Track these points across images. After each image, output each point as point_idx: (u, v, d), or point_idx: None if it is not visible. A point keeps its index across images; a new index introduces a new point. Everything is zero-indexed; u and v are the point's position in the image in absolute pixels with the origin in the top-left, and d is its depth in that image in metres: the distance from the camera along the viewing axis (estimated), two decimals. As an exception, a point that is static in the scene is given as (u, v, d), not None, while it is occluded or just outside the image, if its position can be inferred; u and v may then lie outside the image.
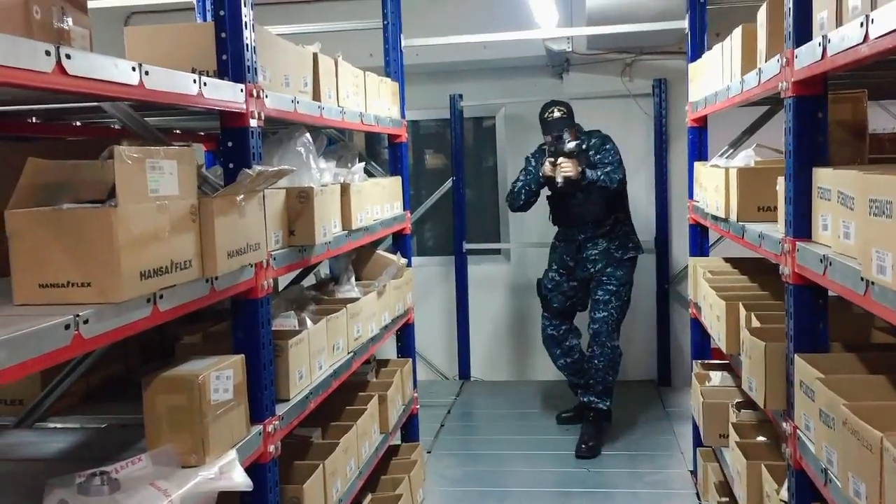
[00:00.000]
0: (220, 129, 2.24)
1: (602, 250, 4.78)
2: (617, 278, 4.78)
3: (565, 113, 4.69)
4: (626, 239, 4.83)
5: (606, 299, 4.76)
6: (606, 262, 4.78)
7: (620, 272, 4.79)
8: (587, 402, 4.85)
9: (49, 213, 1.56)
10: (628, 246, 4.83)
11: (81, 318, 1.45)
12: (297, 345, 2.56)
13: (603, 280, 4.78)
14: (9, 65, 1.28)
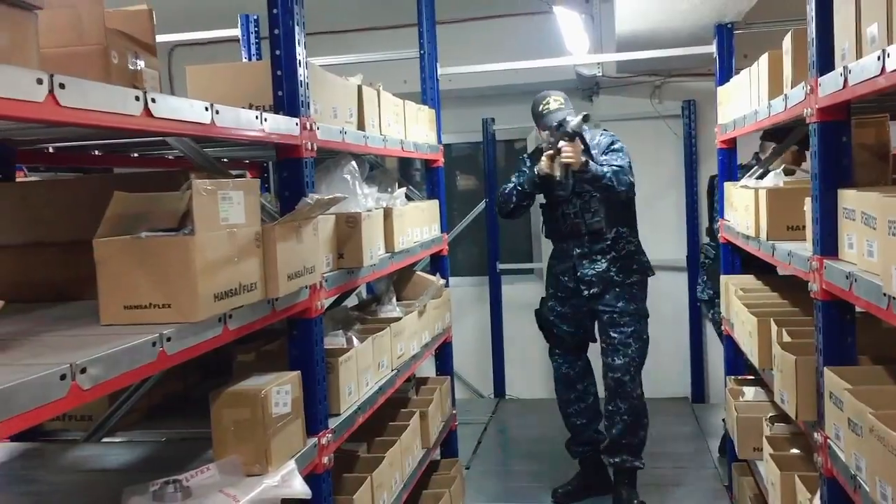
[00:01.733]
0: (276, 160, 2.40)
1: (600, 272, 4.07)
2: (630, 314, 4.09)
3: (563, 104, 4.10)
4: (630, 259, 4.11)
5: (624, 342, 4.08)
6: (605, 288, 4.09)
7: (632, 305, 4.10)
8: (619, 462, 4.19)
9: (133, 241, 1.72)
10: (632, 268, 4.10)
11: (165, 336, 1.59)
12: (346, 362, 2.69)
13: (615, 318, 4.09)
14: (107, 110, 1.44)
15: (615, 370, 4.09)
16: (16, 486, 2.19)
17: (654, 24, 4.39)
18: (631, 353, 4.08)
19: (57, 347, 1.49)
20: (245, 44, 4.37)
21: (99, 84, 1.44)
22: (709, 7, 3.95)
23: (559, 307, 4.26)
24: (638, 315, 4.12)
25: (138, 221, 1.86)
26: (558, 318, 4.27)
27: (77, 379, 1.32)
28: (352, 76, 3.16)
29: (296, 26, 2.37)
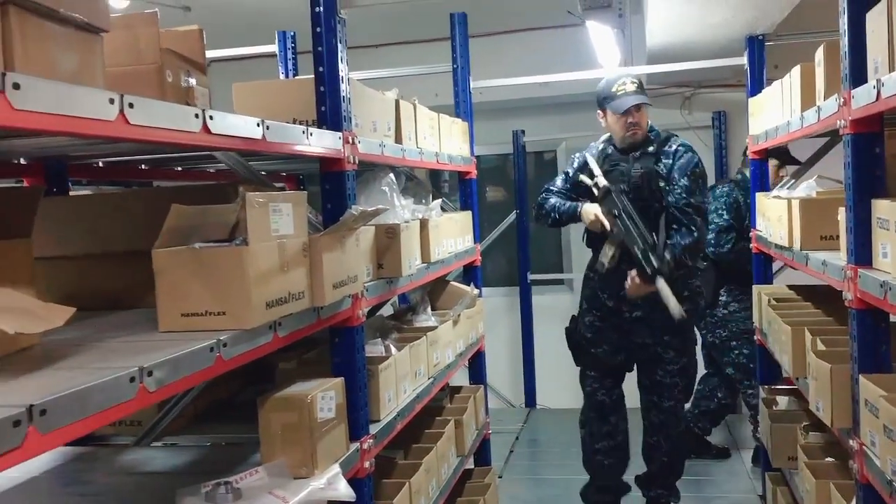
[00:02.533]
0: (320, 172, 2.47)
1: (648, 296, 3.52)
2: (676, 349, 3.65)
3: (641, 88, 3.64)
4: (682, 284, 3.59)
5: (671, 383, 3.67)
6: (650, 312, 3.60)
7: (678, 339, 3.64)
8: (653, 497, 3.95)
9: (190, 251, 1.80)
10: (682, 294, 3.52)
11: (222, 341, 1.67)
12: (386, 370, 2.76)
13: (659, 352, 3.66)
14: (170, 127, 1.52)
15: (661, 412, 3.73)
16: (72, 487, 2.28)
17: (685, 37, 4.43)
18: (678, 395, 3.70)
19: (122, 352, 1.57)
20: (282, 59, 4.47)
21: (164, 103, 1.53)
22: (740, 20, 3.99)
23: (598, 323, 3.78)
24: (686, 348, 3.69)
25: (192, 233, 1.94)
26: (596, 337, 3.78)
27: (145, 381, 1.40)
28: (386, 90, 3.25)
29: (338, 44, 2.45)
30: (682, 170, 3.56)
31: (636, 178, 3.57)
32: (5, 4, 1.35)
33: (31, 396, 1.17)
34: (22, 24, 1.37)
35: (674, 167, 3.56)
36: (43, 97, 1.21)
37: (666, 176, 3.56)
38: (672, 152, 3.60)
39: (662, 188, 3.55)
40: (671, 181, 3.55)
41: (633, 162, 3.62)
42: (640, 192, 3.56)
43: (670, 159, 3.59)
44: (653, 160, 3.59)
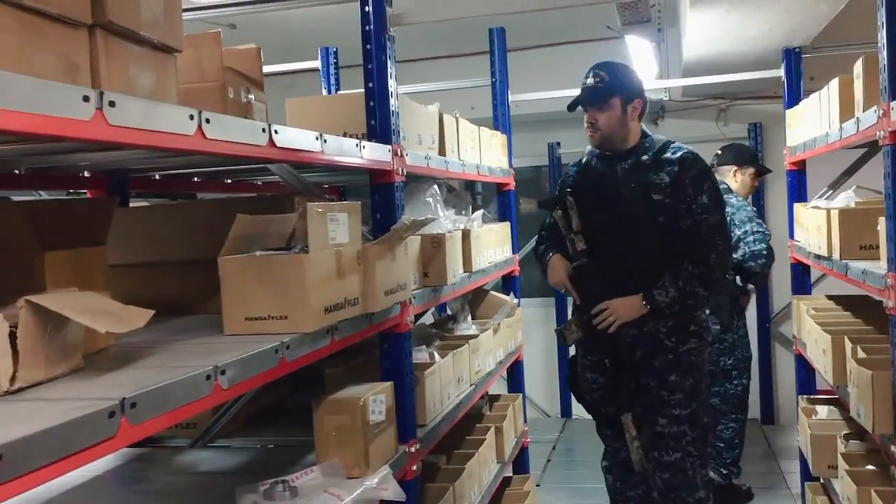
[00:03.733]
0: (370, 184, 2.56)
1: (650, 333, 2.97)
2: (685, 391, 2.96)
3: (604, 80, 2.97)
4: (687, 317, 2.97)
5: (676, 433, 2.97)
6: (651, 353, 2.99)
7: (689, 379, 2.97)
8: None
9: (253, 258, 1.89)
10: (688, 329, 2.97)
11: (285, 344, 1.76)
12: (431, 375, 2.84)
13: (663, 396, 2.97)
14: (241, 141, 1.62)
15: (664, 469, 2.99)
16: (132, 485, 2.38)
17: (721, 49, 4.48)
18: (686, 447, 2.96)
19: (194, 353, 1.66)
20: (325, 74, 4.59)
21: (235, 118, 1.63)
22: (777, 33, 4.03)
23: (594, 375, 3.15)
24: (696, 390, 2.98)
25: (253, 241, 2.04)
26: (597, 396, 3.18)
27: (219, 379, 1.49)
28: (425, 104, 3.34)
29: (388, 60, 2.55)
30: (697, 183, 2.92)
31: (629, 193, 2.95)
32: (93, 27, 1.45)
33: (122, 390, 1.26)
34: (107, 45, 1.48)
35: (685, 179, 2.91)
36: (133, 113, 1.30)
37: (671, 190, 2.90)
38: (677, 160, 2.94)
39: (661, 203, 2.90)
40: (682, 196, 2.90)
41: (623, 174, 3.00)
42: (633, 209, 2.93)
43: (675, 168, 2.93)
44: (649, 171, 2.95)
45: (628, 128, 3.01)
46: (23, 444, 1.04)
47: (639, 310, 2.93)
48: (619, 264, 2.98)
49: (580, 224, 3.01)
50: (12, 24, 1.27)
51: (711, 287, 2.95)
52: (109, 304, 1.50)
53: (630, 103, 3.00)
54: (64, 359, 1.41)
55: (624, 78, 3.03)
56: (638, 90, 3.04)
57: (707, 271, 2.90)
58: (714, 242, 2.91)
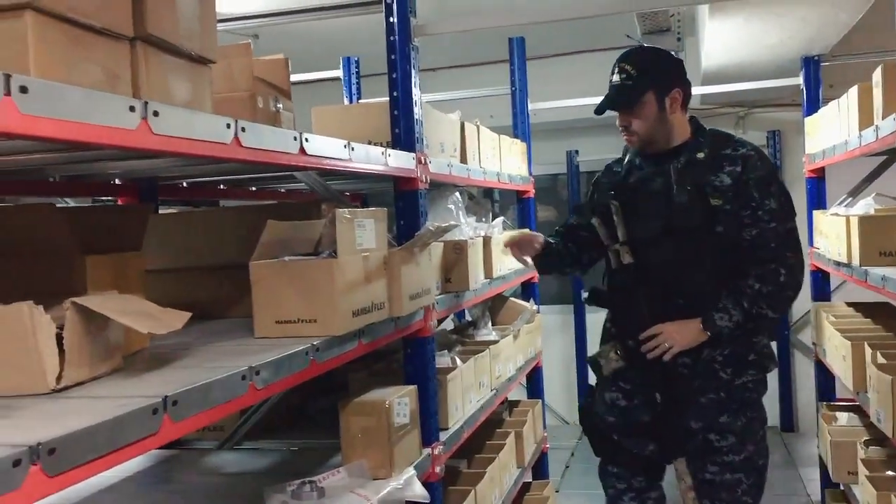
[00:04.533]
0: (394, 191, 2.61)
1: (704, 362, 2.53)
2: (738, 434, 2.52)
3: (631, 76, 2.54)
4: (746, 344, 2.54)
5: (731, 481, 2.54)
6: (703, 386, 2.54)
7: (742, 419, 2.53)
8: None
9: (283, 263, 1.94)
10: (746, 358, 2.54)
11: (315, 346, 1.80)
12: (453, 380, 2.88)
13: (713, 441, 2.54)
14: (275, 149, 1.67)
15: None
16: (162, 485, 2.43)
17: (740, 58, 4.51)
18: (741, 496, 2.54)
19: (228, 355, 1.71)
20: (346, 84, 4.66)
21: (269, 127, 1.68)
22: (796, 41, 4.05)
23: (622, 401, 2.67)
24: (751, 431, 2.55)
25: (283, 247, 2.09)
26: (619, 425, 2.69)
27: (254, 380, 1.53)
28: (448, 112, 3.39)
29: (412, 70, 2.60)
30: (763, 185, 2.48)
31: (683, 198, 2.51)
32: (134, 40, 1.51)
33: (163, 389, 1.31)
34: (147, 56, 1.54)
35: (749, 181, 2.47)
36: (174, 122, 1.36)
37: (732, 193, 2.47)
38: (739, 158, 2.51)
39: (721, 209, 2.47)
40: (746, 201, 2.47)
41: (676, 175, 2.54)
42: (688, 216, 2.50)
43: (738, 167, 2.49)
44: (706, 171, 2.51)
45: (671, 123, 2.55)
46: (74, 439, 1.08)
47: (697, 337, 2.48)
48: (670, 282, 2.53)
49: (626, 233, 2.59)
50: (61, 36, 1.32)
51: (783, 309, 2.57)
52: (148, 307, 1.55)
53: (668, 95, 2.52)
54: (106, 359, 1.46)
55: (655, 67, 2.56)
56: (675, 78, 2.57)
57: (778, 290, 2.46)
58: (783, 256, 2.46)
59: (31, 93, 1.06)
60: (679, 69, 2.62)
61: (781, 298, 2.50)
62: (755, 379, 2.56)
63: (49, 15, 1.30)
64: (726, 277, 2.49)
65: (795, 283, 2.49)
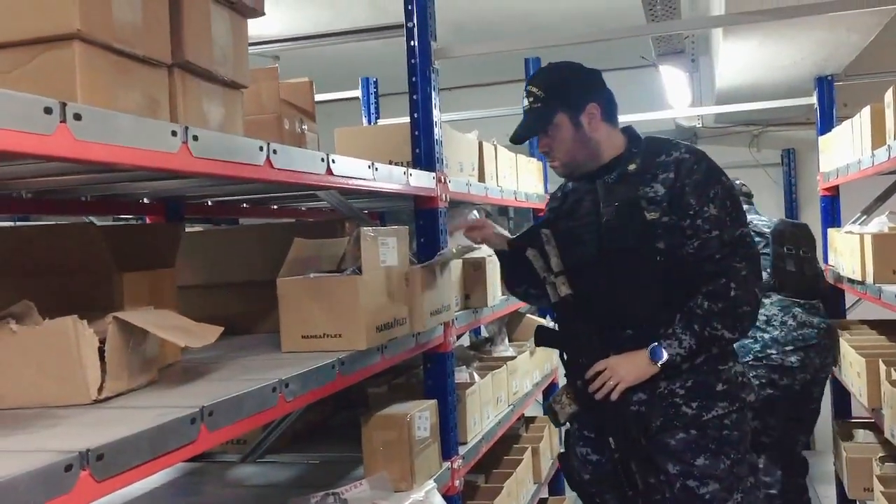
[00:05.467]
0: (414, 209, 2.68)
1: (662, 397, 2.21)
2: (722, 481, 2.18)
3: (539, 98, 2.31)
4: (711, 372, 2.21)
5: None
6: (666, 426, 2.21)
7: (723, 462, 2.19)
8: None
9: (309, 280, 2.01)
10: (713, 389, 2.20)
11: (340, 360, 1.86)
12: (472, 395, 2.93)
13: (692, 490, 2.19)
14: (304, 170, 1.74)
15: None
16: (186, 497, 2.49)
17: (754, 78, 4.56)
18: None
19: (258, 368, 1.77)
20: (365, 104, 4.74)
21: (299, 149, 1.75)
22: (810, 62, 4.11)
23: (587, 453, 2.38)
24: (737, 478, 2.21)
25: (308, 264, 2.16)
26: (597, 478, 2.37)
27: (283, 392, 1.60)
28: (466, 132, 3.45)
29: (432, 92, 2.67)
30: (700, 190, 2.19)
31: (610, 219, 2.25)
32: (172, 66, 1.59)
33: (200, 400, 1.38)
34: (184, 82, 1.61)
35: (685, 187, 2.19)
36: (212, 146, 1.43)
37: (667, 202, 2.19)
38: (672, 163, 2.23)
39: (658, 223, 2.19)
40: (684, 210, 2.18)
41: (605, 191, 2.29)
42: (620, 237, 2.23)
43: (671, 174, 2.22)
44: (639, 183, 2.24)
45: (595, 141, 2.29)
46: (120, 445, 1.15)
47: (646, 370, 2.17)
48: (614, 310, 2.25)
49: (560, 263, 2.31)
50: (105, 64, 1.40)
51: (741, 327, 2.19)
52: (183, 321, 1.62)
53: (582, 113, 2.27)
54: (143, 371, 1.53)
55: (563, 85, 2.31)
56: (586, 92, 2.30)
57: (731, 306, 2.14)
58: (732, 267, 2.15)
59: (84, 120, 1.13)
60: (591, 82, 2.34)
61: (737, 316, 2.16)
62: (729, 412, 2.19)
63: (95, 44, 1.38)
64: (679, 300, 2.18)
65: (750, 297, 2.18)
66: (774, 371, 3.62)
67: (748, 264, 2.19)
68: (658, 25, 3.37)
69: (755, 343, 3.63)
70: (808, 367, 3.60)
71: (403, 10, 2.66)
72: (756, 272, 2.22)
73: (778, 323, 3.63)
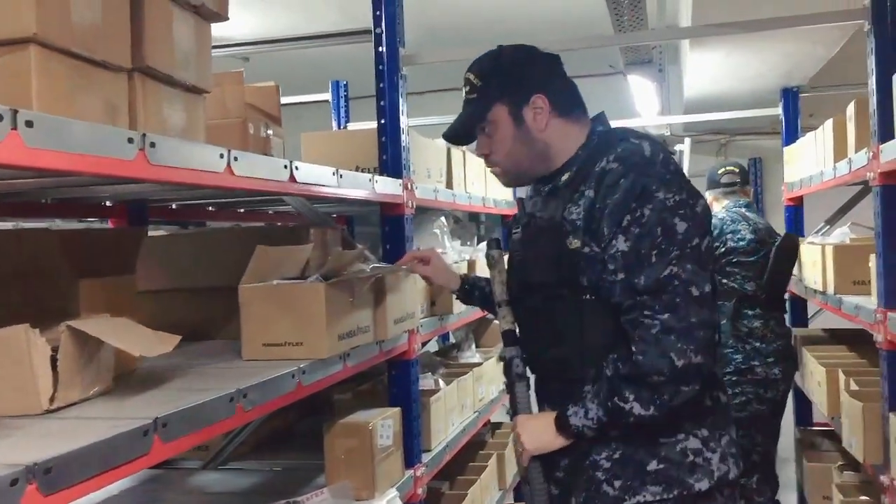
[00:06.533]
0: (380, 216, 2.67)
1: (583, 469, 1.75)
2: None
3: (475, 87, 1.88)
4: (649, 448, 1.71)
5: None
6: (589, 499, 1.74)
7: None
8: None
9: (272, 287, 1.99)
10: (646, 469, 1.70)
11: (301, 369, 1.85)
12: (437, 402, 2.92)
13: None
14: (266, 177, 1.73)
15: None
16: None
17: (721, 88, 4.61)
18: None
19: (216, 377, 1.75)
20: (335, 107, 4.72)
21: (261, 156, 1.74)
22: (776, 73, 4.16)
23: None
24: None
25: (271, 270, 2.14)
26: None
27: (241, 402, 1.58)
28: (434, 136, 3.45)
29: (399, 98, 2.66)
30: (614, 215, 1.66)
31: (533, 243, 1.84)
32: (132, 71, 1.57)
33: (154, 410, 1.36)
34: (144, 87, 1.59)
35: (603, 209, 1.68)
36: (170, 153, 1.41)
37: (584, 229, 1.70)
38: (599, 174, 1.71)
39: (579, 254, 1.70)
40: (599, 239, 1.69)
41: (538, 209, 1.86)
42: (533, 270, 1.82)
43: (592, 190, 1.71)
44: (567, 201, 1.75)
45: (542, 141, 1.82)
46: (69, 459, 1.13)
47: (550, 440, 1.74)
48: (541, 356, 1.84)
49: (505, 292, 1.94)
50: (63, 69, 1.38)
51: (659, 402, 1.61)
52: (140, 330, 1.59)
53: (525, 105, 1.82)
54: (97, 380, 1.50)
55: (502, 72, 1.85)
56: (530, 81, 1.84)
57: (635, 372, 1.61)
58: (638, 322, 1.61)
59: (35, 127, 1.11)
60: (539, 68, 1.86)
61: (651, 386, 1.60)
62: (663, 501, 1.68)
63: (52, 49, 1.35)
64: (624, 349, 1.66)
65: (661, 364, 1.58)
66: (760, 385, 3.61)
67: (672, 318, 1.58)
68: (625, 36, 3.40)
69: (737, 353, 3.62)
70: (788, 378, 3.63)
71: (372, 16, 2.65)
72: (688, 328, 1.57)
73: (759, 335, 3.63)
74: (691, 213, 1.65)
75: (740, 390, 3.60)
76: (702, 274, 1.62)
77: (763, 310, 3.65)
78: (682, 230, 1.62)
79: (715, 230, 3.71)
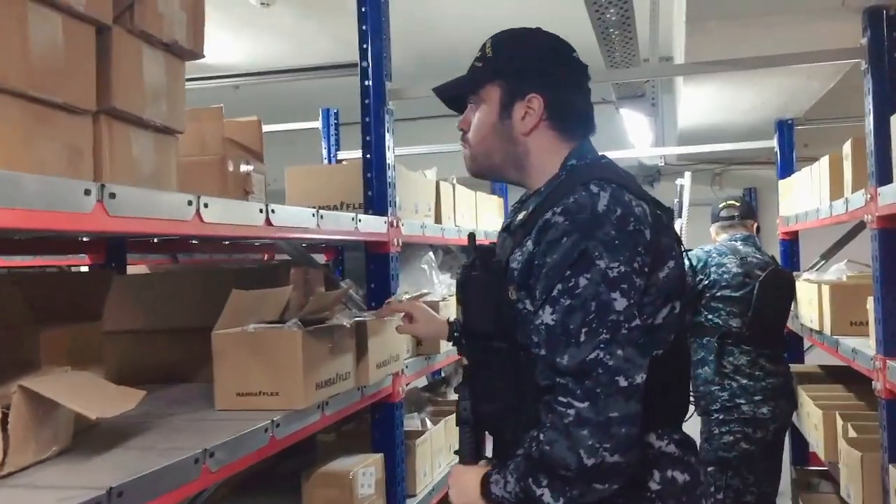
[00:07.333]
0: (365, 253, 2.59)
1: None
2: None
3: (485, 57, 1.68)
4: None
5: None
6: None
7: None
8: None
9: (247, 333, 1.91)
10: None
11: (275, 422, 1.76)
12: (422, 444, 2.83)
13: None
14: (238, 223, 1.65)
15: None
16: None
17: (715, 120, 4.56)
18: None
19: (185, 431, 1.67)
20: (325, 135, 4.66)
21: (233, 201, 1.66)
22: (770, 106, 4.11)
23: None
24: None
25: (248, 314, 2.06)
26: None
27: (207, 462, 1.49)
28: (423, 165, 3.39)
29: (385, 133, 2.60)
30: (546, 279, 1.46)
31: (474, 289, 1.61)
32: (98, 113, 1.49)
33: (110, 477, 1.27)
34: (110, 130, 1.52)
35: (541, 267, 1.48)
36: (132, 203, 1.33)
37: (518, 281, 1.54)
38: (542, 226, 1.49)
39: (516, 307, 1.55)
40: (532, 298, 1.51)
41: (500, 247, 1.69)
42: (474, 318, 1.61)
43: (532, 243, 1.52)
44: (519, 244, 1.56)
45: (523, 145, 1.64)
46: (10, 540, 1.04)
47: (474, 499, 1.54)
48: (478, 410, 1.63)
49: None
50: (20, 114, 1.30)
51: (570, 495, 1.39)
52: (101, 386, 1.51)
53: (518, 98, 1.63)
54: (54, 440, 1.42)
55: (513, 52, 1.66)
56: (533, 75, 1.64)
57: (542, 462, 1.41)
58: (552, 407, 1.41)
59: (-20, 183, 1.04)
60: (556, 69, 1.65)
61: (561, 478, 1.39)
62: None
63: (8, 93, 1.28)
64: None
65: (568, 459, 1.37)
66: (748, 424, 3.51)
67: (590, 409, 1.36)
68: (616, 72, 3.35)
69: (723, 391, 3.53)
70: (778, 417, 3.53)
71: (358, 49, 2.59)
72: (606, 423, 1.35)
73: (746, 372, 3.53)
74: (638, 286, 1.43)
75: (727, 429, 3.52)
76: (636, 362, 1.39)
77: (751, 346, 3.55)
78: (619, 307, 1.39)
79: (700, 263, 3.65)
